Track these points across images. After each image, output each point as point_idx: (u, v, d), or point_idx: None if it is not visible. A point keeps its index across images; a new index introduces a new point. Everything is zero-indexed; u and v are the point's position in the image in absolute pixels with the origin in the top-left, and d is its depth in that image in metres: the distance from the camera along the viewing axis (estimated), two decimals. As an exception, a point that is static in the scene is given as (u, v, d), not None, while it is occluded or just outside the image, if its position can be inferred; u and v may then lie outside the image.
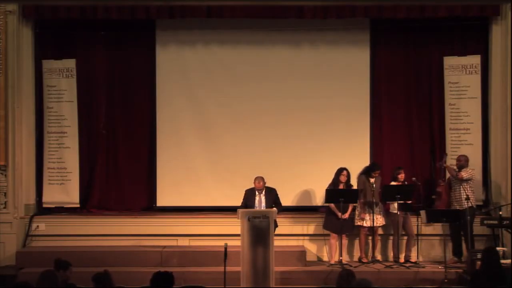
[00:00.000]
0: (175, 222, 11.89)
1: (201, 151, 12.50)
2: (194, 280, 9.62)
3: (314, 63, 12.48)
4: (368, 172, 11.54)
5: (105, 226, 11.84)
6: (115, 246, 11.52)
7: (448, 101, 12.36)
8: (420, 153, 12.54)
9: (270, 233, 9.87)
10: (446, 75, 12.35)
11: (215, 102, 12.52)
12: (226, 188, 12.23)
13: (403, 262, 11.24)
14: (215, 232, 11.54)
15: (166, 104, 12.50)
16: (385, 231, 11.68)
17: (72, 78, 12.32)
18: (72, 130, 12.34)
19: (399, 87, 12.63)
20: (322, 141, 12.43)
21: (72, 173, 12.33)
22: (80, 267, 8.81)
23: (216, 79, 12.52)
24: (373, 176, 11.49)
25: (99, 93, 12.60)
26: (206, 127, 12.53)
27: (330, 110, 12.44)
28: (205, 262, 10.97)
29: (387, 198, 11.34)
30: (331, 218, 11.25)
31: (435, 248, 11.65)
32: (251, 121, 12.51)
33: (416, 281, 10.42)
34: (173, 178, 12.45)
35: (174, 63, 12.52)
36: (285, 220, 11.49)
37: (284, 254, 10.99)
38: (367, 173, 11.54)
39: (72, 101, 12.34)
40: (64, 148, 12.33)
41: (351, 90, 12.45)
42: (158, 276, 6.91)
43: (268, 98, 12.46)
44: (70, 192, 12.32)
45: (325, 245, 11.56)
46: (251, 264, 9.78)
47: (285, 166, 12.33)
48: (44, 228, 11.79)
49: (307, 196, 12.36)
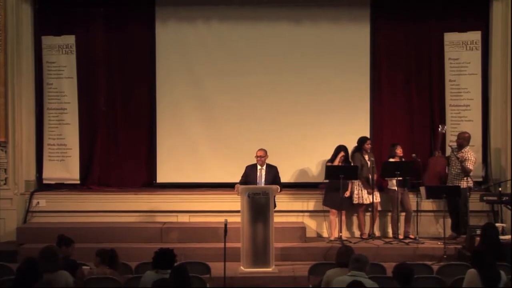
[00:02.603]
0: (175, 199, 11.89)
1: (201, 128, 12.50)
2: (194, 256, 9.61)
3: (315, 38, 12.44)
4: (360, 148, 11.52)
5: (105, 203, 11.83)
6: (115, 223, 11.53)
7: (448, 78, 12.33)
8: (420, 129, 12.55)
9: (270, 210, 9.88)
10: (446, 51, 12.32)
11: (215, 78, 12.49)
12: (226, 164, 12.24)
13: (402, 238, 11.26)
14: (215, 208, 11.56)
15: (166, 80, 12.47)
16: (383, 208, 11.68)
17: (72, 55, 12.30)
18: (72, 107, 12.34)
19: (399, 63, 12.61)
20: (322, 117, 12.43)
21: (72, 149, 12.35)
22: (80, 243, 8.79)
23: (216, 55, 12.49)
24: (366, 149, 11.46)
25: (99, 70, 12.56)
26: (206, 103, 12.51)
27: (330, 86, 12.43)
28: (205, 239, 10.98)
29: (386, 175, 11.33)
30: (331, 195, 11.24)
31: (434, 224, 11.68)
32: (250, 97, 12.49)
33: (415, 257, 10.41)
34: (173, 155, 12.47)
35: (174, 39, 12.47)
36: (285, 197, 11.49)
37: (284, 231, 10.99)
38: (360, 150, 11.52)
39: (71, 78, 12.32)
40: (64, 124, 12.34)
41: (351, 66, 12.43)
42: (159, 253, 6.94)
43: (268, 74, 12.44)
44: (70, 169, 12.36)
45: (324, 221, 11.57)
46: (251, 240, 9.81)
47: (285, 142, 12.35)
48: (45, 204, 11.80)
49: (306, 173, 12.38)
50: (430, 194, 10.87)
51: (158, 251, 6.99)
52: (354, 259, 6.80)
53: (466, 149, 11.29)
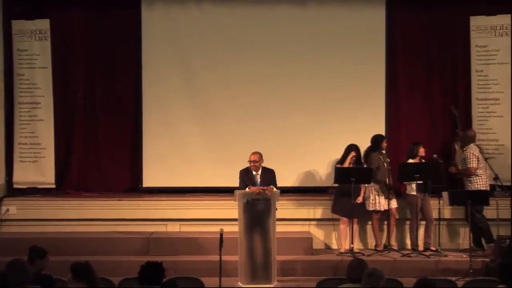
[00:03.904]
0: (163, 205, 11.90)
1: (194, 125, 12.52)
2: (185, 271, 9.61)
3: (321, 24, 12.46)
4: (376, 147, 11.50)
5: (84, 210, 11.83)
6: (96, 233, 11.53)
7: (474, 68, 12.34)
8: (442, 127, 12.56)
9: (271, 217, 9.87)
10: (472, 38, 12.32)
11: (209, 69, 12.49)
12: (222, 166, 12.26)
13: (422, 250, 11.25)
14: (209, 216, 11.56)
15: (153, 71, 12.48)
16: (401, 215, 11.68)
17: (46, 41, 12.31)
18: (46, 101, 12.34)
19: (419, 52, 12.62)
20: (330, 114, 12.44)
21: (46, 149, 12.35)
22: (55, 255, 8.76)
23: (210, 42, 12.48)
24: (383, 149, 11.47)
25: (77, 58, 12.57)
26: (199, 97, 12.53)
27: (339, 79, 12.44)
28: (198, 251, 11.00)
29: (405, 178, 11.33)
30: (341, 201, 11.23)
31: (458, 234, 11.68)
32: (249, 91, 12.49)
33: (437, 271, 10.43)
34: (161, 155, 12.48)
35: (162, 24, 12.48)
36: (289, 203, 11.53)
37: (287, 241, 10.98)
38: (375, 149, 11.50)
39: (46, 67, 12.34)
40: (37, 120, 12.35)
41: (363, 56, 12.44)
42: (146, 267, 6.91)
43: (268, 64, 12.44)
44: (45, 171, 12.36)
45: (334, 231, 11.58)
46: (250, 253, 9.81)
47: (289, 141, 12.38)
48: (15, 211, 11.80)
49: (313, 175, 12.39)
50: (454, 199, 10.86)
51: (145, 264, 6.95)
52: (368, 274, 6.76)
53: (468, 147, 11.38)
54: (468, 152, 11.35)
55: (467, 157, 11.32)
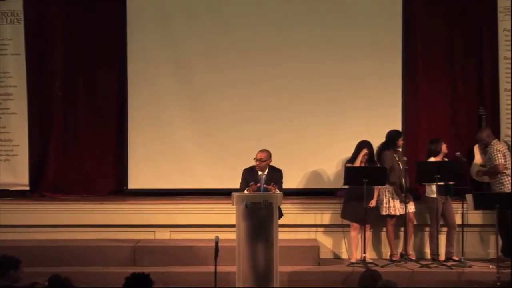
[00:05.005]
0: (151, 210, 11.89)
1: (186, 120, 12.57)
2: (176, 283, 9.72)
3: (331, 7, 12.49)
4: (390, 144, 11.46)
5: (63, 215, 11.80)
6: (75, 240, 11.52)
7: (502, 54, 12.35)
8: (466, 121, 12.57)
9: (273, 224, 9.83)
10: (500, 21, 12.33)
11: (203, 57, 12.55)
12: (217, 167, 12.34)
13: (443, 260, 11.24)
14: (203, 222, 11.56)
15: (140, 58, 12.51)
16: (420, 221, 11.64)
17: (19, 24, 12.35)
18: (19, 91, 12.37)
19: (439, 37, 12.64)
20: (339, 108, 12.49)
21: (19, 146, 12.38)
22: (30, 267, 8.72)
23: (204, 25, 12.52)
24: (398, 147, 11.45)
25: (54, 44, 12.58)
26: (191, 88, 12.57)
27: (350, 67, 12.47)
28: (191, 261, 10.99)
29: (423, 179, 11.30)
30: (352, 204, 11.23)
31: (484, 242, 11.66)
32: (248, 82, 12.53)
33: (461, 283, 10.48)
34: (149, 154, 12.52)
35: (150, 4, 12.53)
36: (293, 207, 11.56)
37: (292, 250, 11.01)
38: (390, 147, 11.46)
39: (19, 54, 12.38)
40: (9, 114, 12.39)
41: (377, 41, 12.46)
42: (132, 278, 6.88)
43: (269, 52, 12.48)
44: (18, 171, 12.39)
45: (343, 238, 11.57)
46: (250, 263, 9.78)
47: (293, 139, 12.42)
48: (-16, 217, 11.78)
49: (320, 176, 12.41)
50: (479, 203, 10.80)
51: (130, 276, 6.94)
52: (382, 287, 6.73)
53: (491, 144, 11.41)
54: (492, 149, 11.34)
55: (492, 154, 11.31)
